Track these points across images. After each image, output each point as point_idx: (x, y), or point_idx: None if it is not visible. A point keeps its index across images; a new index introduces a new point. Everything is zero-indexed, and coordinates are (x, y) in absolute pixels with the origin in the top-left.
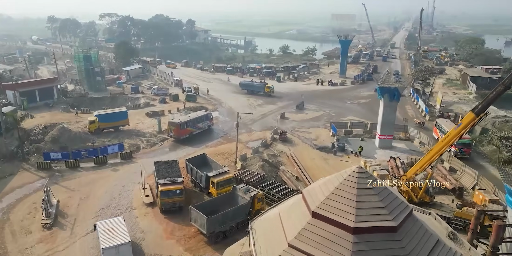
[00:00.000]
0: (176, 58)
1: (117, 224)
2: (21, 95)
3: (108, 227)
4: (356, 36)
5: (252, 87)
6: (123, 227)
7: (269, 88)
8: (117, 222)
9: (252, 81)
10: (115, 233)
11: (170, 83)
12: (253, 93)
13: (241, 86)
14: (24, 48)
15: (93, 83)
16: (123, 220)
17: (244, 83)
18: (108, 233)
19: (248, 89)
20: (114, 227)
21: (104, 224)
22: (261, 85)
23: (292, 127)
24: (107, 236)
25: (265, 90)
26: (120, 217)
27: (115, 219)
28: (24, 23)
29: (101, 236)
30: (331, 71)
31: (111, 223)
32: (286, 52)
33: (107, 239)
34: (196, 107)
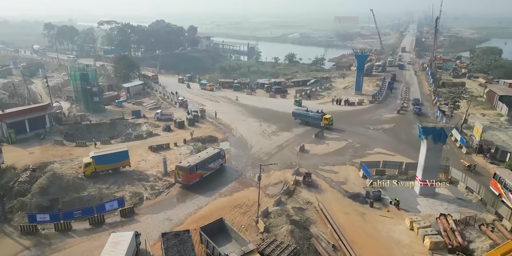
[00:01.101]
0: (177, 67)
1: (123, 239)
2: (9, 127)
3: (116, 240)
4: (361, 41)
5: (307, 118)
6: (126, 244)
7: (328, 119)
8: (125, 237)
9: (308, 111)
10: (116, 248)
11: (174, 103)
12: (308, 124)
13: (294, 116)
14: (19, 58)
15: (91, 104)
16: (131, 236)
17: (297, 113)
18: (112, 246)
19: (302, 120)
20: (120, 241)
21: (116, 236)
22: (318, 116)
23: (314, 164)
24: (110, 249)
25: (322, 121)
26: (131, 232)
27: (126, 233)
28: (21, 27)
29: (105, 248)
30: (344, 85)
31: (120, 237)
32: (292, 60)
33: (107, 253)
34: (204, 137)
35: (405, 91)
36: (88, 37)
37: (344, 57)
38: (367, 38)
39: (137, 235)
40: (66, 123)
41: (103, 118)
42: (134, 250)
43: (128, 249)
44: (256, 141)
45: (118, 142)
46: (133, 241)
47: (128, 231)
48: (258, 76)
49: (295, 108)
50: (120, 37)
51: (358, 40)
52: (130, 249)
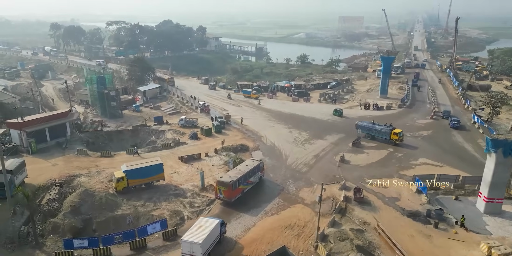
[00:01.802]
0: (187, 68)
1: (208, 225)
2: (29, 136)
3: (202, 224)
4: (369, 41)
5: (372, 131)
6: (207, 230)
7: (398, 134)
8: (211, 223)
9: (374, 123)
10: (200, 232)
11: (195, 108)
12: (374, 138)
13: (358, 128)
14: (26, 59)
15: (108, 109)
16: (216, 224)
17: (362, 125)
18: (197, 229)
19: (367, 133)
20: (205, 226)
21: (203, 221)
22: (386, 130)
23: (359, 177)
24: (193, 232)
25: (391, 137)
26: (217, 220)
27: (213, 220)
28: (23, 27)
29: (190, 229)
30: (366, 88)
31: (207, 223)
32: (305, 61)
33: (191, 234)
34: (235, 146)
35: (432, 94)
36: (95, 38)
37: (356, 58)
38: (375, 38)
39: (222, 224)
40: (86, 130)
41: (121, 124)
42: (217, 237)
43: (210, 234)
44: (290, 150)
45: (144, 152)
46: (217, 228)
47: (215, 218)
48: (272, 78)
49: (358, 120)
50: (129, 37)
51: (365, 40)
52: (212, 235)
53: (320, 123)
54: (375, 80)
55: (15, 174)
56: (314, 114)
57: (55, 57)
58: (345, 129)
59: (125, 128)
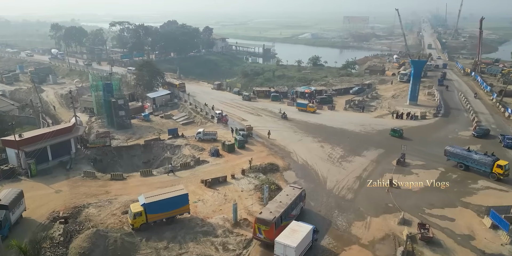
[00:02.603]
0: (194, 71)
1: (302, 230)
2: (28, 156)
3: (295, 228)
4: (378, 42)
5: (468, 161)
6: (301, 234)
7: (503, 168)
8: (305, 228)
9: (470, 151)
10: (294, 235)
11: (211, 118)
12: (468, 169)
13: (448, 155)
14: (25, 62)
15: (115, 118)
16: (309, 230)
17: (454, 152)
18: (291, 232)
19: (459, 162)
20: (298, 230)
21: (296, 225)
22: (487, 161)
23: (416, 206)
24: (287, 234)
25: (493, 170)
26: (310, 226)
27: (306, 225)
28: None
29: (284, 232)
30: (391, 93)
31: (300, 227)
32: (317, 63)
33: (285, 236)
34: (264, 165)
35: (464, 100)
36: (97, 39)
37: (368, 59)
38: (383, 39)
39: (315, 231)
40: (93, 146)
41: (130, 136)
42: (309, 244)
43: (303, 238)
44: (326, 169)
45: (161, 173)
46: (310, 234)
47: (308, 224)
48: (285, 82)
49: (448, 146)
50: (133, 39)
51: (374, 41)
52: (305, 240)
53: (353, 135)
54: (398, 85)
55: (11, 209)
56: (343, 124)
57: (62, 61)
58: (382, 143)
59: (136, 142)
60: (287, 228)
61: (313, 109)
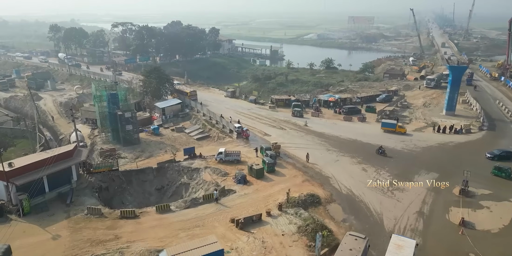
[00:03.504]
0: (200, 74)
1: (407, 245)
2: (19, 190)
3: (399, 243)
4: (387, 43)
5: None
6: (410, 251)
7: None
8: (409, 243)
9: None
10: (401, 252)
11: (229, 132)
12: None
13: None
14: (22, 65)
15: (122, 134)
16: (413, 244)
17: None
18: (396, 248)
19: None
20: (403, 246)
21: (398, 239)
22: None
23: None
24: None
25: None
26: (413, 240)
27: (408, 239)
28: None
29: (389, 249)
30: (421, 101)
31: (403, 241)
32: (330, 66)
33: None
34: (303, 197)
35: (505, 110)
36: (99, 40)
37: (382, 62)
38: (391, 40)
39: (416, 245)
40: (98, 171)
41: (138, 154)
42: None
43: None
44: (378, 202)
45: (181, 208)
46: (413, 250)
47: (410, 239)
48: (299, 87)
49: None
50: (137, 41)
51: (382, 42)
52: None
53: (395, 154)
54: (425, 91)
55: None
56: (380, 140)
57: (69, 66)
58: (432, 164)
59: (147, 163)
60: (390, 244)
61: (404, 130)
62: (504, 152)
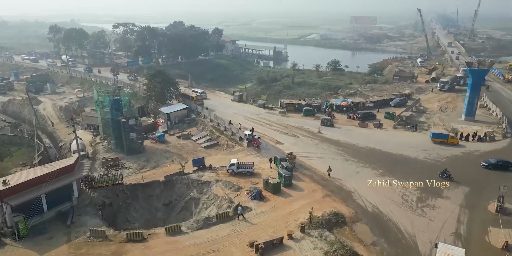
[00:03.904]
0: (203, 76)
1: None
2: (15, 211)
3: (447, 252)
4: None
5: None
6: None
7: None
8: (459, 252)
9: None
10: None
11: (238, 140)
12: None
13: None
14: (21, 67)
15: (125, 141)
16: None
17: None
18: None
19: None
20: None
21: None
22: None
23: None
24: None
25: None
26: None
27: (457, 248)
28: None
29: None
30: (437, 106)
31: (452, 250)
32: (337, 68)
33: None
34: (327, 216)
35: None
36: (99, 41)
37: (388, 63)
38: (396, 40)
39: None
40: (101, 185)
41: (143, 164)
42: None
43: None
44: (408, 221)
45: (193, 230)
46: None
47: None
48: (307, 89)
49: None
50: (139, 42)
51: (386, 42)
52: None
53: (419, 165)
54: (439, 94)
55: None
56: (401, 148)
57: (89, 74)
58: (461, 176)
59: (153, 173)
60: (439, 252)
61: (456, 141)
62: (500, 161)
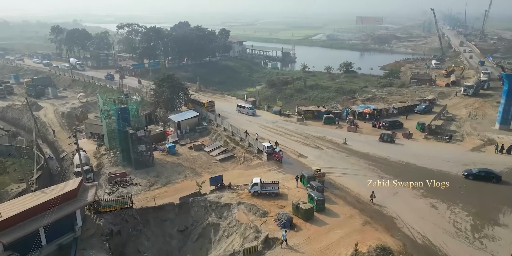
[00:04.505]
0: (210, 78)
1: None
2: (7, 248)
3: None
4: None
5: None
6: None
7: None
8: None
9: None
10: None
11: (257, 152)
12: None
13: None
14: (22, 70)
15: (133, 154)
16: None
17: None
18: None
19: None
20: None
21: None
22: None
23: None
24: None
25: None
26: None
27: None
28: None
29: None
30: (465, 112)
31: None
32: (349, 70)
33: None
34: (375, 253)
35: None
36: (103, 42)
37: (400, 64)
38: (404, 41)
39: None
40: (108, 209)
41: (154, 180)
42: None
43: None
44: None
45: None
46: None
47: None
48: (319, 93)
49: None
50: (144, 43)
51: (395, 43)
52: None
53: (462, 183)
54: (464, 100)
55: None
56: (438, 163)
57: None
58: None
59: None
60: None
61: None
62: (482, 171)
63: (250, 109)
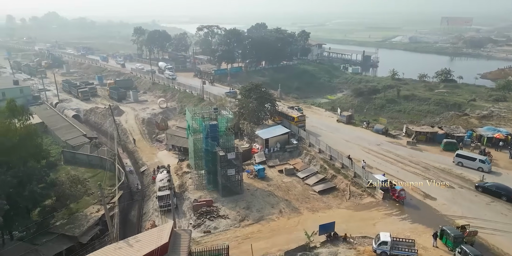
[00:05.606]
0: (288, 84)
1: None
2: None
3: None
4: (499, 49)
5: None
6: None
7: None
8: None
9: None
10: None
11: (367, 185)
12: None
13: None
14: (105, 70)
15: (221, 179)
16: None
17: None
18: None
19: None
20: None
21: None
22: None
23: None
24: None
25: None
26: None
27: None
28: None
29: None
30: None
31: None
32: (448, 78)
33: None
34: None
35: None
36: (181, 44)
37: (506, 73)
38: (503, 45)
39: None
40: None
41: (244, 213)
42: None
43: None
44: None
45: None
46: None
47: None
48: (417, 105)
49: None
50: (223, 46)
51: (492, 47)
52: None
53: None
54: None
55: None
56: None
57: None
58: None
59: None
60: None
61: None
62: (494, 186)
63: None
